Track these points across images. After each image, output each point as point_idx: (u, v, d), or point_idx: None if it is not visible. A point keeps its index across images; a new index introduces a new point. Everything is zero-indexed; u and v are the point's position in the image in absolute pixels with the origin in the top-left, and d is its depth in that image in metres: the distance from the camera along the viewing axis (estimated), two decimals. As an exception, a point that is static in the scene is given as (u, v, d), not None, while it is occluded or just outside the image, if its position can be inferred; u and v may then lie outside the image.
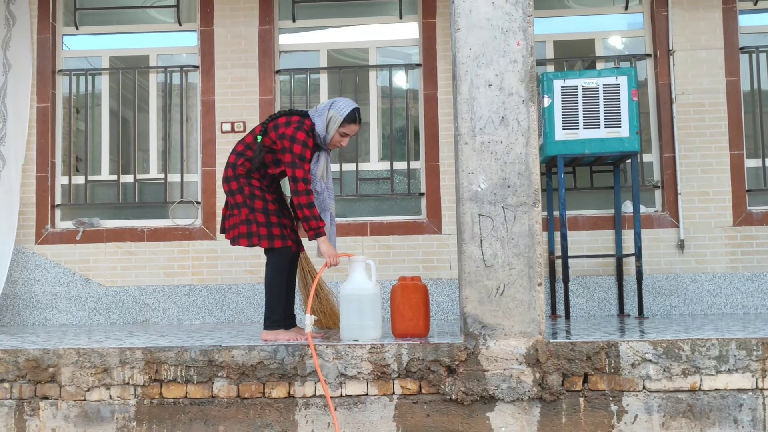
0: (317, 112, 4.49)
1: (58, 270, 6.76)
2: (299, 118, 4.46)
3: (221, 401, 3.97)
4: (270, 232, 4.39)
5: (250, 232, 4.41)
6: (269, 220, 4.39)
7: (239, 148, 4.53)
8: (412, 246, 6.65)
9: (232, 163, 4.50)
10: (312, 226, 4.31)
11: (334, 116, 4.43)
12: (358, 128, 4.56)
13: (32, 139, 6.88)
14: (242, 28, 6.90)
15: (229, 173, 4.49)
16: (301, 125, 4.38)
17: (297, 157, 4.30)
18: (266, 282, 4.44)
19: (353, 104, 4.50)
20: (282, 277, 4.44)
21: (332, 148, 4.59)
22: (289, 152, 4.31)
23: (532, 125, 3.93)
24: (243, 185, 4.43)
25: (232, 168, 4.49)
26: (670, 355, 3.84)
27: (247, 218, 4.42)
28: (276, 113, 4.57)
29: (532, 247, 3.88)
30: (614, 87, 5.95)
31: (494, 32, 3.98)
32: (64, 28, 7.15)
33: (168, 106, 7.04)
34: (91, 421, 4.00)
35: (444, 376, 3.90)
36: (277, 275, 4.42)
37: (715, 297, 6.45)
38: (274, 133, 4.41)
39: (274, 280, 4.42)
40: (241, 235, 4.45)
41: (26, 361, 4.05)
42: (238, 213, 4.47)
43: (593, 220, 6.60)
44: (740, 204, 6.53)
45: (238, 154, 4.50)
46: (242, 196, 4.43)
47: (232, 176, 4.47)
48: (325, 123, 4.44)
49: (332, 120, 4.44)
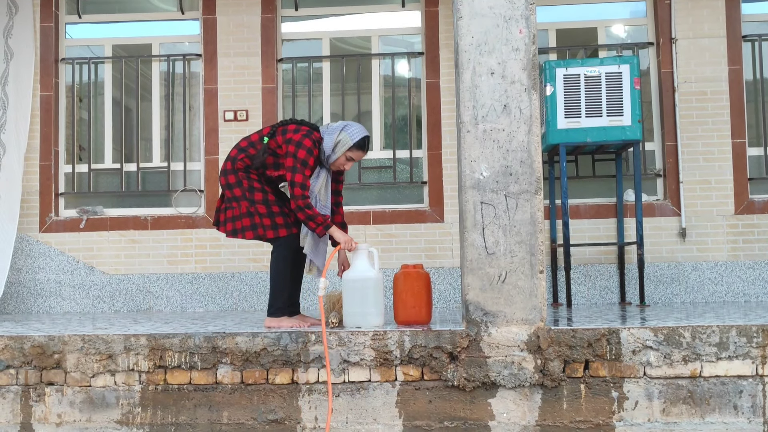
0: (328, 129, 4.51)
1: (62, 258, 6.79)
2: (309, 128, 4.49)
3: (225, 387, 4.00)
4: (274, 222, 4.41)
5: (254, 224, 4.44)
6: (271, 210, 4.41)
7: (243, 144, 4.54)
8: (415, 234, 6.67)
9: (233, 157, 4.51)
10: (318, 222, 4.30)
11: (344, 139, 4.43)
12: (364, 155, 4.57)
13: (35, 128, 6.90)
14: (245, 16, 6.90)
15: (228, 166, 4.50)
16: (310, 134, 4.41)
17: (299, 162, 4.31)
18: (271, 270, 4.47)
19: (365, 132, 4.50)
20: (287, 265, 4.45)
21: (334, 168, 4.57)
22: (292, 156, 4.32)
23: (534, 113, 3.94)
24: (241, 178, 4.45)
25: (231, 161, 4.50)
26: (670, 342, 3.87)
27: (248, 211, 4.44)
28: (287, 120, 4.59)
29: (533, 235, 3.90)
30: (616, 75, 5.95)
31: (497, 20, 3.98)
32: (67, 16, 7.16)
33: (171, 94, 7.05)
34: (96, 406, 4.04)
35: (446, 363, 3.93)
36: (282, 263, 4.44)
37: (717, 285, 6.47)
38: (281, 137, 4.43)
39: (279, 269, 4.44)
40: (245, 228, 4.46)
41: (32, 348, 4.08)
42: (237, 206, 4.48)
43: (595, 209, 6.61)
44: (742, 192, 6.54)
45: (240, 149, 4.51)
46: (241, 189, 4.45)
47: (231, 169, 4.48)
48: (334, 143, 4.43)
49: (341, 142, 4.43)
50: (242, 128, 6.76)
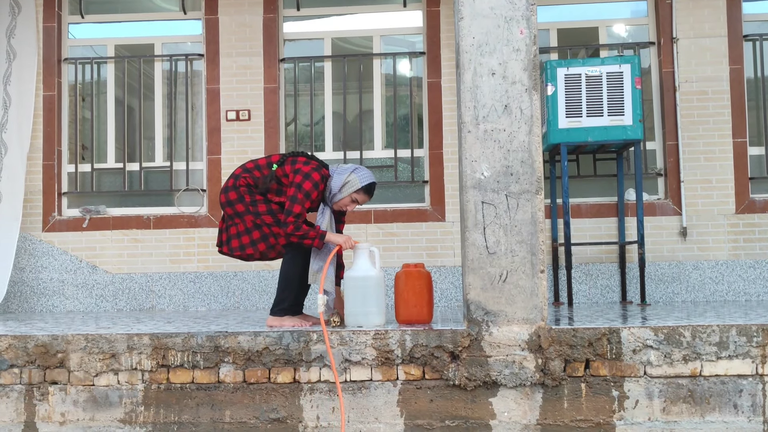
0: (338, 170, 4.53)
1: (65, 257, 6.82)
2: (318, 164, 4.52)
3: (227, 386, 4.03)
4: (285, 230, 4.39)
5: (264, 234, 4.46)
6: (278, 219, 4.44)
7: (249, 165, 4.55)
8: (416, 233, 6.69)
9: (237, 174, 4.52)
10: (312, 237, 4.31)
11: (353, 181, 4.46)
12: (368, 200, 4.60)
13: (38, 128, 6.93)
14: (247, 16, 6.92)
15: (230, 183, 4.50)
16: (319, 169, 4.45)
17: (303, 193, 4.33)
18: (281, 270, 4.48)
19: (373, 178, 4.54)
20: (297, 268, 4.46)
21: (336, 208, 4.58)
22: (297, 187, 4.34)
23: (535, 113, 3.95)
24: (243, 194, 4.45)
25: (234, 179, 4.50)
26: (671, 342, 3.88)
27: (254, 224, 4.45)
28: (298, 151, 4.60)
29: (534, 235, 3.92)
30: (617, 75, 5.96)
31: (497, 21, 4.00)
32: (70, 16, 7.18)
33: (173, 94, 7.07)
34: (100, 405, 4.06)
35: (447, 362, 3.95)
36: (292, 266, 4.45)
37: (718, 284, 6.48)
38: (290, 166, 4.45)
39: (289, 271, 4.45)
40: (255, 242, 4.48)
41: (35, 347, 4.10)
42: (240, 222, 4.48)
43: (596, 208, 6.62)
44: (743, 192, 6.55)
45: (246, 170, 4.52)
46: (243, 205, 4.45)
47: (232, 186, 4.48)
48: (343, 182, 4.46)
49: (350, 183, 4.46)
50: (244, 128, 6.79)
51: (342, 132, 6.97)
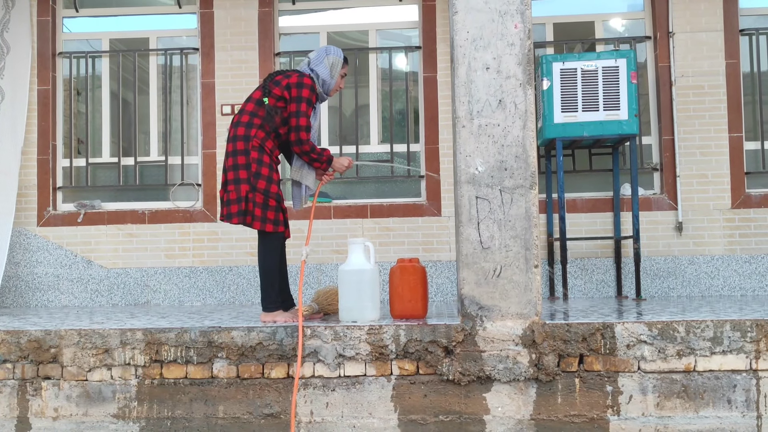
0: (313, 63, 4.61)
1: (60, 252, 6.81)
2: (295, 70, 4.58)
3: (221, 382, 4.02)
4: (264, 215, 4.34)
5: (246, 210, 4.33)
6: (267, 203, 4.35)
7: (245, 118, 4.41)
8: (412, 228, 6.68)
9: (243, 135, 4.37)
10: (323, 159, 4.51)
11: (335, 61, 4.62)
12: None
13: (33, 122, 6.91)
14: (242, 10, 6.90)
15: (240, 147, 4.36)
16: (303, 75, 4.48)
17: (305, 102, 4.39)
18: (260, 265, 4.43)
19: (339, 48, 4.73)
20: (274, 260, 4.44)
21: (332, 94, 4.74)
22: (297, 100, 4.39)
23: (529, 108, 3.94)
24: (251, 161, 4.33)
25: (244, 141, 4.36)
26: (665, 337, 3.88)
27: (246, 195, 4.32)
28: (271, 73, 4.62)
29: (528, 230, 3.91)
30: (613, 69, 5.95)
31: (492, 15, 3.98)
32: (64, 10, 7.15)
33: (168, 88, 7.05)
34: (93, 400, 4.05)
35: (441, 357, 3.94)
36: (269, 259, 4.42)
37: (713, 279, 6.48)
38: (277, 88, 4.41)
39: (267, 264, 4.41)
40: (235, 213, 4.35)
41: (28, 342, 4.09)
42: (234, 189, 4.35)
43: (592, 203, 6.62)
44: (739, 186, 6.54)
45: (249, 125, 4.39)
46: (247, 173, 4.33)
47: (243, 150, 4.35)
48: (329, 69, 4.60)
49: (334, 64, 4.62)
50: (239, 122, 6.76)
51: (338, 126, 6.95)
